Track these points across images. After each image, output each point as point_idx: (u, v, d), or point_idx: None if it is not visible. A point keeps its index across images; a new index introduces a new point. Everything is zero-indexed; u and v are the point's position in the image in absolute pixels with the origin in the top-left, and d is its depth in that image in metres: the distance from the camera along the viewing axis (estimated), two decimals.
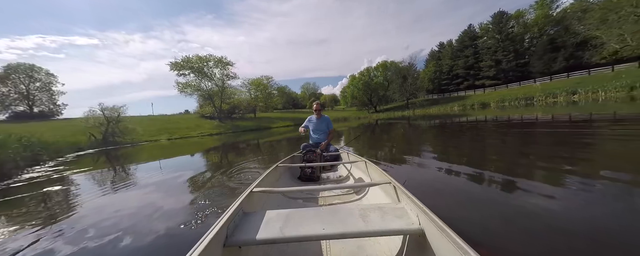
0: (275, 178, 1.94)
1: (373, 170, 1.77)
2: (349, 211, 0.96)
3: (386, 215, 0.92)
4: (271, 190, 1.32)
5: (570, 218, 1.30)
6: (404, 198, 1.04)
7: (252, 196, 1.24)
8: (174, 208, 2.10)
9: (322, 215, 0.95)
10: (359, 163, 2.16)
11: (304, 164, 2.30)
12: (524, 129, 5.14)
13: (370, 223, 0.86)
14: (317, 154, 2.48)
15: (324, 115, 2.98)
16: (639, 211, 1.33)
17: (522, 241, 1.13)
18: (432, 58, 45.54)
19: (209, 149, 8.59)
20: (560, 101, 15.38)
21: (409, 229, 0.83)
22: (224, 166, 4.11)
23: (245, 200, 1.11)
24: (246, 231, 0.87)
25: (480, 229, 1.27)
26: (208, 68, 28.79)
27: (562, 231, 1.17)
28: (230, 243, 0.81)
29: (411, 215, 0.92)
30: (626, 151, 2.56)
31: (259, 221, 0.93)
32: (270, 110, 40.86)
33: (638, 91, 11.61)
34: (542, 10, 31.10)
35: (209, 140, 14.36)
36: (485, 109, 17.54)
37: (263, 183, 1.50)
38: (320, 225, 0.86)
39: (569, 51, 26.06)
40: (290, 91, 69.58)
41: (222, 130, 24.61)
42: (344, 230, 0.83)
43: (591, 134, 3.90)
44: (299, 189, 1.39)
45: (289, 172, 2.33)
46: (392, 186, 1.24)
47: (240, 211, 1.01)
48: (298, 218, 0.93)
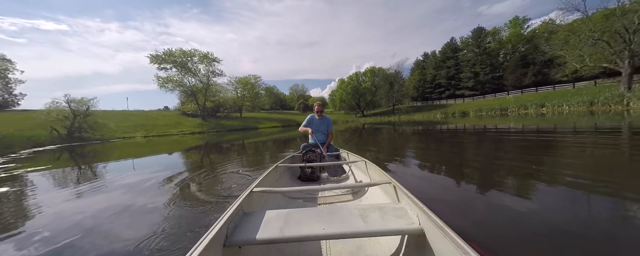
0: (275, 178, 1.93)
1: (373, 170, 1.76)
2: (349, 211, 0.96)
3: (386, 215, 0.92)
4: (271, 190, 1.31)
5: (533, 212, 1.46)
6: (404, 198, 1.04)
7: (252, 196, 1.23)
8: (141, 220, 1.85)
9: (322, 215, 0.95)
10: (359, 163, 2.15)
11: (304, 164, 2.29)
12: (500, 137, 5.46)
13: (370, 223, 0.86)
14: (317, 154, 2.47)
15: (325, 116, 2.98)
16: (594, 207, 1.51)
17: (491, 232, 1.27)
18: (417, 67, 47.64)
19: (190, 148, 8.07)
20: (530, 112, 16.77)
21: (409, 229, 0.83)
22: (204, 168, 3.83)
23: (245, 200, 1.11)
24: (246, 231, 0.86)
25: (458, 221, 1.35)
26: (192, 63, 27.53)
27: (524, 224, 1.34)
28: (230, 243, 0.81)
29: (411, 214, 0.92)
30: (584, 157, 2.97)
31: (259, 221, 0.93)
32: (257, 110, 39.94)
33: (596, 106, 13.04)
34: (515, 29, 34.04)
35: (190, 139, 13.57)
36: (465, 118, 18.58)
37: (263, 183, 1.49)
38: (320, 225, 0.86)
39: (537, 67, 28.64)
40: (278, 92, 68.74)
41: (205, 129, 23.50)
42: (344, 230, 0.83)
43: (555, 142, 4.26)
44: (299, 189, 1.35)
45: (289, 172, 2.32)
46: (392, 186, 1.23)
47: (240, 211, 1.01)
48: (298, 218, 0.93)
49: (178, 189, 2.53)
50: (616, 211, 1.47)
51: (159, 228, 1.52)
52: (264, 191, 1.29)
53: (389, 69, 40.97)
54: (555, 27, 25.70)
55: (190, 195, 2.29)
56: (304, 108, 54.85)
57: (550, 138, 4.88)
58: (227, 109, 32.96)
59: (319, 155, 2.47)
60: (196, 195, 2.28)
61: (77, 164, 5.47)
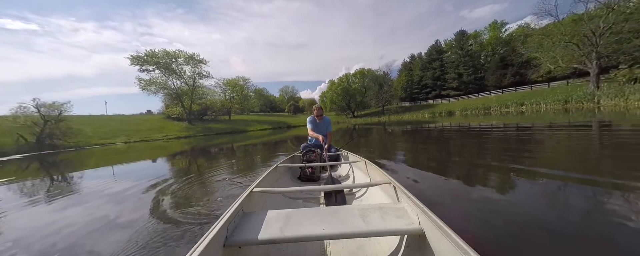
0: (275, 178, 1.93)
1: (373, 170, 1.76)
2: (349, 211, 0.96)
3: (386, 215, 0.92)
4: (271, 190, 1.30)
5: (511, 201, 1.61)
6: (404, 198, 1.04)
7: (252, 196, 1.23)
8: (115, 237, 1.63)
9: (322, 215, 0.95)
10: (358, 163, 2.15)
11: (304, 165, 2.29)
12: (486, 134, 5.64)
13: (370, 223, 0.86)
14: (317, 155, 2.46)
15: (325, 117, 3.07)
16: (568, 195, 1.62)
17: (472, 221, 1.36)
18: (405, 68, 48.92)
19: (175, 154, 7.63)
20: (511, 111, 17.65)
21: (409, 229, 0.83)
22: (191, 174, 3.57)
23: (245, 200, 1.11)
24: (246, 231, 0.87)
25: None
26: (177, 65, 26.48)
27: (509, 213, 1.44)
28: (230, 243, 0.81)
29: (411, 214, 0.92)
30: (559, 149, 3.28)
31: (259, 221, 0.93)
32: (246, 112, 39.15)
33: (570, 104, 13.96)
34: (494, 32, 35.90)
35: (175, 144, 12.92)
36: (451, 117, 19.21)
37: (263, 183, 1.50)
38: (320, 225, 0.86)
39: (515, 68, 30.33)
40: (268, 94, 67.91)
41: (192, 133, 22.60)
42: (344, 230, 0.83)
43: (536, 137, 4.56)
44: (299, 189, 1.31)
45: (289, 172, 2.32)
46: (392, 186, 1.23)
47: (241, 211, 1.01)
48: (298, 218, 0.93)
49: (162, 200, 2.30)
50: (593, 198, 1.56)
51: (138, 245, 1.33)
52: (264, 191, 1.28)
53: (378, 70, 41.74)
54: (530, 31, 27.42)
55: (176, 205, 2.08)
56: (295, 110, 54.46)
57: (530, 133, 5.18)
58: (215, 112, 31.99)
59: (319, 155, 2.46)
60: (181, 206, 2.06)
61: (48, 175, 4.96)
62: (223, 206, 1.91)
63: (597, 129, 4.85)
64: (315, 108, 3.02)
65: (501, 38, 34.34)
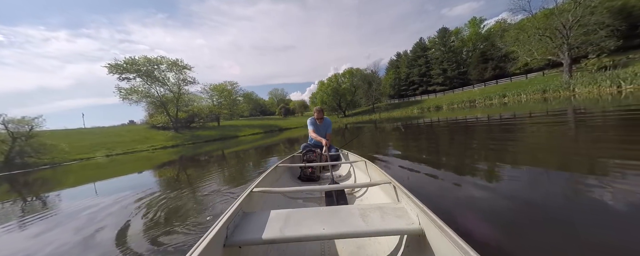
0: (275, 178, 1.93)
1: (373, 170, 1.74)
2: (349, 211, 0.96)
3: (386, 215, 0.92)
4: (271, 190, 1.29)
5: (496, 188, 1.72)
6: (404, 198, 1.03)
7: (252, 196, 1.22)
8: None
9: (322, 215, 0.94)
10: (358, 163, 2.13)
11: (304, 164, 2.28)
12: (472, 126, 5.80)
13: (370, 223, 0.86)
14: (316, 155, 2.46)
15: (326, 118, 3.09)
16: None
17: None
18: (392, 66, 49.86)
19: (163, 164, 7.24)
20: (495, 102, 18.41)
21: (409, 229, 0.83)
22: (180, 187, 3.35)
23: (245, 200, 1.10)
24: (246, 231, 0.86)
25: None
26: (160, 71, 25.40)
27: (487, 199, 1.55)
28: (230, 243, 0.81)
29: (411, 214, 0.91)
30: (539, 136, 3.54)
31: (259, 221, 0.93)
32: (236, 118, 38.29)
33: (548, 93, 14.75)
34: (474, 29, 37.42)
35: (162, 154, 12.34)
36: (439, 111, 19.74)
37: (263, 183, 1.49)
38: (320, 225, 0.86)
39: (495, 62, 31.70)
40: (257, 98, 66.90)
41: (180, 142, 21.74)
42: (344, 229, 0.83)
43: (516, 125, 4.86)
44: (299, 189, 1.30)
45: (289, 172, 2.32)
46: (392, 186, 1.22)
47: (241, 211, 1.01)
48: (298, 218, 0.93)
49: (150, 216, 2.10)
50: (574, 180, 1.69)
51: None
52: (264, 191, 1.27)
53: (366, 69, 42.29)
54: (507, 26, 28.85)
55: (166, 222, 1.90)
56: (286, 112, 53.95)
57: (512, 123, 5.43)
58: (202, 119, 31.01)
59: (319, 155, 2.46)
60: (172, 223, 1.89)
61: (21, 196, 4.51)
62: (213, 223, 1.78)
63: (572, 115, 5.27)
64: (316, 110, 3.04)
65: (480, 34, 35.84)
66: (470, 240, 0.62)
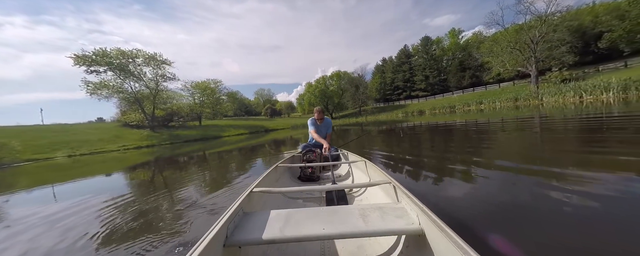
0: (275, 178, 1.92)
1: (373, 170, 1.74)
2: (348, 211, 0.96)
3: (386, 215, 0.92)
4: (271, 190, 1.29)
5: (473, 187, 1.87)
6: (404, 198, 1.03)
7: (252, 196, 1.22)
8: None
9: (322, 215, 0.94)
10: (358, 163, 2.13)
11: (304, 164, 2.27)
12: (456, 130, 6.07)
13: (370, 223, 0.86)
14: (316, 154, 2.44)
15: (326, 118, 3.04)
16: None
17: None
18: (378, 71, 51.24)
19: (135, 166, 6.57)
20: (472, 108, 19.62)
21: (409, 229, 0.83)
22: (155, 191, 2.99)
23: (245, 200, 1.10)
24: (246, 231, 0.87)
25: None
26: (135, 66, 23.52)
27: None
28: (230, 243, 0.81)
29: (411, 214, 0.91)
30: (510, 139, 3.95)
31: (259, 221, 0.93)
32: (219, 117, 36.71)
33: (520, 101, 16.01)
34: (453, 39, 39.84)
35: (135, 155, 11.31)
36: (422, 116, 20.56)
37: (263, 183, 1.48)
38: (320, 225, 0.86)
39: (472, 71, 33.98)
40: (242, 97, 64.95)
41: (156, 141, 20.24)
42: (344, 230, 0.83)
43: (489, 130, 5.23)
44: (299, 189, 1.28)
45: (289, 172, 2.31)
46: (392, 186, 1.22)
47: (240, 211, 1.00)
48: (298, 218, 0.93)
49: (113, 227, 1.78)
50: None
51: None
52: (264, 191, 1.27)
53: (353, 72, 42.97)
54: (482, 38, 31.10)
55: (130, 236, 1.61)
56: (272, 113, 52.85)
57: (487, 127, 5.82)
58: (182, 118, 29.26)
59: (318, 155, 2.45)
60: (141, 236, 1.61)
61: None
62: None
63: (538, 121, 5.98)
64: (317, 110, 3.00)
65: (459, 44, 38.23)
66: (470, 240, 0.62)
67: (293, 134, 15.42)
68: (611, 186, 1.53)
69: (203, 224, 1.64)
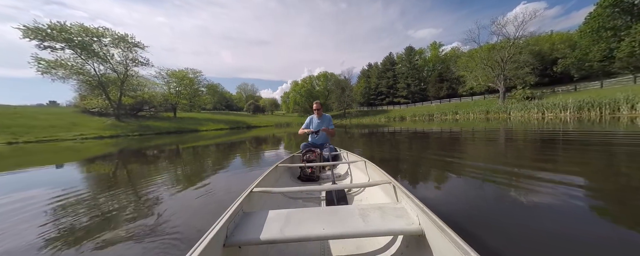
0: (275, 178, 1.92)
1: (373, 170, 1.74)
2: (348, 211, 0.96)
3: (386, 215, 0.92)
4: (271, 190, 1.28)
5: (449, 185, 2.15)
6: (404, 198, 1.03)
7: (252, 196, 1.22)
8: None
9: (322, 215, 0.94)
10: (358, 163, 2.14)
11: (304, 164, 2.25)
12: (430, 136, 6.39)
13: (370, 223, 0.86)
14: (317, 154, 2.43)
15: (325, 114, 2.98)
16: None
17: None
18: (363, 75, 52.48)
19: (94, 158, 5.70)
20: (449, 118, 20.97)
21: (409, 229, 0.83)
22: (116, 187, 2.53)
23: (245, 200, 1.10)
24: (246, 231, 0.87)
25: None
26: (100, 45, 21.02)
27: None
28: (230, 243, 0.81)
29: (411, 214, 0.91)
30: (478, 148, 4.25)
31: (259, 221, 0.93)
32: (197, 110, 34.44)
33: (490, 114, 17.48)
34: (434, 51, 42.42)
35: (95, 145, 9.96)
36: (404, 121, 21.42)
37: (263, 183, 1.49)
38: (320, 225, 0.86)
39: (449, 83, 36.43)
40: (223, 91, 61.89)
41: (121, 131, 18.23)
42: (344, 230, 0.83)
43: (462, 139, 5.54)
44: (299, 189, 1.28)
45: (288, 172, 2.30)
46: (392, 186, 1.22)
47: (240, 211, 1.01)
48: (298, 218, 0.93)
49: (66, 229, 1.39)
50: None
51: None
52: (263, 191, 1.27)
53: (340, 74, 43.42)
54: (459, 53, 33.56)
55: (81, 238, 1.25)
56: (255, 109, 51.06)
57: (459, 135, 6.31)
58: (154, 107, 26.88)
59: (319, 155, 2.44)
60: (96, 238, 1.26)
61: None
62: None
63: (503, 133, 6.69)
64: (315, 103, 2.92)
65: (439, 57, 40.79)
66: (470, 240, 0.62)
67: (276, 132, 14.95)
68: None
69: (180, 224, 1.47)
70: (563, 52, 26.27)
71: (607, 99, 10.37)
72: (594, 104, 10.66)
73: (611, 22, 21.26)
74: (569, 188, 1.78)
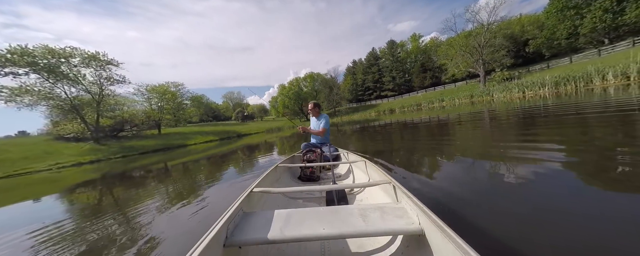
0: (275, 178, 1.93)
1: (373, 170, 1.73)
2: (349, 211, 0.96)
3: (386, 215, 0.92)
4: (271, 190, 1.26)
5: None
6: (404, 198, 1.02)
7: (252, 196, 1.22)
8: None
9: (322, 215, 0.94)
10: (358, 163, 2.12)
11: (304, 164, 2.25)
12: (419, 125, 6.50)
13: (370, 223, 0.86)
14: (317, 154, 2.44)
15: (322, 114, 2.92)
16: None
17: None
18: (349, 72, 52.86)
19: (74, 187, 5.28)
20: (436, 106, 21.51)
21: (409, 229, 0.83)
22: (101, 216, 2.31)
23: (245, 200, 1.10)
24: (246, 231, 0.87)
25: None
26: (69, 66, 19.78)
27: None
28: (230, 243, 0.81)
29: (411, 214, 0.91)
30: (467, 132, 4.36)
31: (259, 221, 0.93)
32: (182, 124, 33.27)
33: (475, 98, 18.09)
34: (415, 43, 43.43)
35: (74, 173, 9.30)
36: (393, 114, 21.74)
37: (263, 183, 1.49)
38: (320, 225, 0.86)
39: (432, 72, 37.45)
40: (209, 102, 60.30)
41: (103, 155, 17.23)
42: (344, 230, 0.83)
43: (451, 125, 5.68)
44: (299, 189, 1.27)
45: (289, 172, 2.31)
46: (392, 185, 1.22)
47: (240, 211, 1.01)
48: (298, 218, 0.93)
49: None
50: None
51: None
52: (263, 191, 1.26)
53: (326, 74, 43.49)
54: (439, 43, 34.59)
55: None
56: (244, 117, 50.15)
57: (448, 121, 6.46)
58: (136, 126, 25.69)
59: (319, 155, 2.44)
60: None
61: None
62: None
63: (487, 114, 6.96)
64: (310, 103, 2.90)
65: (420, 48, 41.82)
66: (470, 240, 0.62)
67: (268, 138, 14.69)
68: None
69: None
70: (533, 34, 27.71)
71: (580, 73, 11.01)
72: (569, 79, 11.29)
73: (573, 1, 22.73)
74: (554, 159, 1.90)
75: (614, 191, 1.28)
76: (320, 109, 2.91)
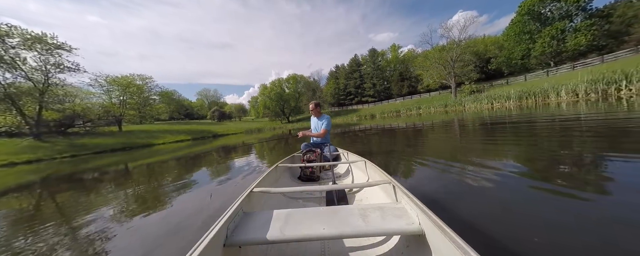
0: (275, 178, 1.92)
1: (373, 170, 1.73)
2: (349, 211, 0.96)
3: (386, 215, 0.91)
4: (271, 190, 1.27)
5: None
6: (404, 198, 1.02)
7: (252, 196, 1.22)
8: None
9: (322, 215, 0.94)
10: (358, 163, 2.12)
11: (304, 164, 2.24)
12: (397, 131, 6.67)
13: (370, 223, 0.86)
14: (317, 154, 2.42)
15: (323, 114, 2.94)
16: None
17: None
18: (332, 77, 53.60)
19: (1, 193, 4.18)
20: (413, 113, 22.76)
21: (409, 229, 0.83)
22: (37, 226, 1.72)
23: (245, 200, 1.10)
24: (246, 231, 0.87)
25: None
26: (5, 48, 16.68)
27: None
28: (230, 243, 0.81)
29: (411, 214, 0.91)
30: (439, 138, 4.61)
31: (259, 221, 0.93)
32: (149, 120, 30.15)
33: (449, 107, 19.53)
34: (394, 53, 45.86)
35: (3, 176, 7.60)
36: (374, 119, 22.40)
37: (263, 183, 1.50)
38: (320, 225, 0.86)
39: (410, 81, 39.78)
40: (181, 98, 55.94)
41: (45, 154, 14.60)
42: (344, 230, 0.84)
43: (424, 131, 6.00)
44: (299, 189, 1.23)
45: (288, 172, 2.31)
46: (391, 185, 1.22)
47: (240, 211, 1.01)
48: (298, 218, 0.93)
49: None
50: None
51: None
52: (263, 191, 1.27)
53: (309, 76, 43.48)
54: (416, 54, 36.99)
55: None
56: (220, 117, 47.33)
57: (422, 128, 6.79)
58: (91, 122, 22.53)
59: (319, 155, 2.42)
60: None
61: None
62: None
63: (457, 122, 7.53)
64: (311, 103, 2.88)
65: (398, 58, 44.25)
66: (470, 239, 0.62)
67: (247, 139, 13.91)
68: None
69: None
70: (494, 53, 31.23)
71: (539, 89, 12.68)
72: (530, 94, 12.99)
73: (527, 28, 26.24)
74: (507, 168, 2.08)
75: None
76: (322, 109, 2.91)
